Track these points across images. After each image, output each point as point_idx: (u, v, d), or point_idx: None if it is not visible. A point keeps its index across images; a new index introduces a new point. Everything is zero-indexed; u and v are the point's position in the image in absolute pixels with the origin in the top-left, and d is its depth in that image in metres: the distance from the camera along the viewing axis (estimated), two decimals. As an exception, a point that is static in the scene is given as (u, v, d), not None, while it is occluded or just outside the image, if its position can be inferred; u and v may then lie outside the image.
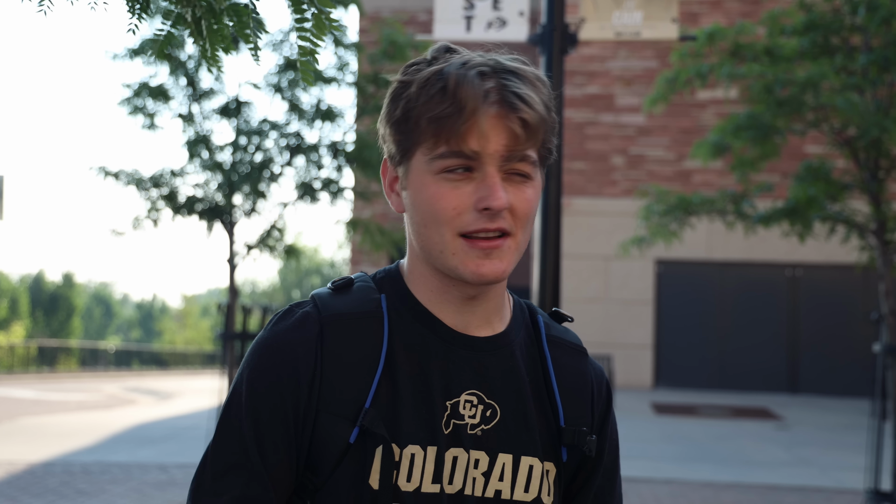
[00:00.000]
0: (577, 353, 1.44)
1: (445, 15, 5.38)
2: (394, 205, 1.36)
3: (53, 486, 8.58)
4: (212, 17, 1.50)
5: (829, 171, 8.30)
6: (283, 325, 1.32)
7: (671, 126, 19.26)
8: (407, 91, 1.29)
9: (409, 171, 1.31)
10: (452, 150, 1.26)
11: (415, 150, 1.29)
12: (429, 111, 1.26)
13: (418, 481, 1.27)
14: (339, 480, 1.26)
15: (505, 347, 1.37)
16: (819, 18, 8.24)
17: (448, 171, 1.27)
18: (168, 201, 8.21)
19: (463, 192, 1.27)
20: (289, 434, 1.27)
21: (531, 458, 1.34)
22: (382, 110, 1.34)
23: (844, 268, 17.56)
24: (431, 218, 1.28)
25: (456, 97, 1.24)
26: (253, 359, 1.31)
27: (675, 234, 9.12)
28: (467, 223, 1.27)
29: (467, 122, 1.24)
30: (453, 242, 1.28)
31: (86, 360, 40.53)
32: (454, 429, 1.30)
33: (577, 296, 18.51)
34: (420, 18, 20.46)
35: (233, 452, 1.28)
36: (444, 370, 1.31)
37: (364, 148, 8.23)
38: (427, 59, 1.32)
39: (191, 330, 68.49)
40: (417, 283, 1.35)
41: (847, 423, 14.14)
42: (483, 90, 1.25)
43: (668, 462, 10.42)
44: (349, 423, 1.26)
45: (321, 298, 1.34)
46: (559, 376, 1.39)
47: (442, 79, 1.26)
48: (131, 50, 7.95)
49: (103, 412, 16.23)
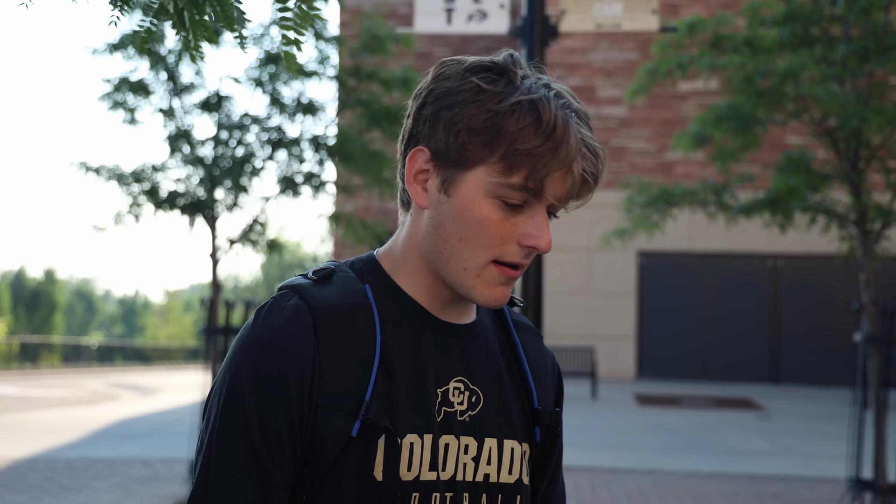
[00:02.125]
0: (536, 336, 1.48)
1: (426, 8, 5.38)
2: (416, 198, 1.31)
3: (37, 482, 8.54)
4: (194, 8, 1.50)
5: (810, 161, 8.34)
6: (275, 320, 1.28)
7: (652, 118, 19.32)
8: (491, 103, 1.24)
9: (460, 179, 1.27)
10: (528, 186, 1.24)
11: (479, 164, 1.25)
12: (520, 141, 1.22)
13: (417, 470, 1.28)
14: (341, 473, 1.26)
15: (481, 333, 1.39)
16: (799, 9, 8.28)
17: (506, 199, 1.25)
18: (150, 196, 8.17)
19: (512, 224, 1.26)
20: (293, 432, 1.25)
21: (512, 440, 1.36)
22: (437, 101, 1.27)
23: (825, 258, 17.69)
24: (472, 238, 1.27)
25: (553, 138, 1.22)
26: (248, 356, 1.26)
27: (657, 225, 9.15)
28: (507, 254, 1.27)
29: (560, 171, 1.24)
30: (485, 267, 1.28)
31: (68, 357, 40.34)
32: (445, 416, 1.31)
33: (559, 288, 18.55)
34: (401, 11, 20.42)
35: (240, 455, 1.24)
36: (434, 358, 1.32)
37: (346, 142, 8.21)
38: (499, 67, 1.28)
39: (173, 325, 68.27)
40: (407, 276, 1.35)
41: (828, 413, 14.24)
42: (579, 140, 1.24)
43: (651, 452, 10.47)
44: (350, 417, 1.26)
45: (305, 290, 1.31)
46: (528, 359, 1.43)
47: (536, 110, 1.23)
48: (111, 45, 7.90)
49: (86, 408, 16.17)
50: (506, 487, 1.34)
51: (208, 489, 1.24)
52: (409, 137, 1.32)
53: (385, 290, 1.34)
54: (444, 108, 1.26)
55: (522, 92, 1.24)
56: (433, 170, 1.29)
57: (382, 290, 1.34)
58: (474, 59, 1.30)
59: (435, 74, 1.30)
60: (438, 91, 1.28)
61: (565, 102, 1.26)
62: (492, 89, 1.24)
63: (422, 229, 1.31)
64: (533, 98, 1.23)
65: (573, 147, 1.23)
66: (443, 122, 1.26)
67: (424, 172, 1.30)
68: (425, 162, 1.29)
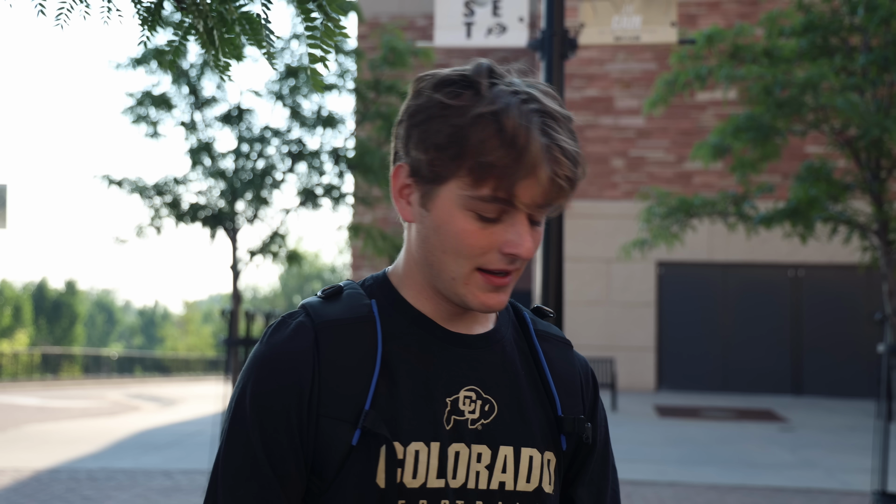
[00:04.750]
0: (564, 345, 1.48)
1: (446, 21, 5.40)
2: (401, 212, 1.35)
3: (59, 493, 8.59)
4: (223, 27, 1.52)
5: (831, 171, 8.33)
6: (279, 336, 1.33)
7: (671, 128, 19.29)
8: (455, 118, 1.25)
9: (435, 194, 1.29)
10: (497, 196, 1.25)
11: (450, 178, 1.27)
12: (483, 153, 1.23)
13: (423, 477, 1.30)
14: (345, 481, 1.29)
15: (497, 343, 1.40)
16: (818, 19, 8.27)
17: (480, 212, 1.26)
18: (171, 209, 8.24)
19: (491, 233, 1.27)
20: (294, 442, 1.29)
21: (531, 449, 1.37)
22: (410, 119, 1.30)
23: (847, 268, 17.57)
24: (454, 249, 1.29)
25: (516, 147, 1.22)
26: (253, 372, 1.32)
27: (677, 236, 9.15)
28: (490, 262, 1.29)
29: (527, 178, 1.24)
30: (470, 276, 1.30)
31: (89, 367, 40.57)
32: (455, 424, 1.33)
33: (578, 298, 18.52)
34: (418, 24, 20.50)
35: (243, 466, 1.30)
36: (441, 368, 1.34)
37: (365, 154, 8.26)
38: (467, 79, 1.28)
39: (192, 336, 68.54)
40: (412, 289, 1.37)
41: (852, 425, 14.14)
42: (544, 145, 1.23)
43: (672, 465, 10.43)
44: (350, 426, 1.29)
45: (312, 307, 1.35)
46: (551, 368, 1.44)
47: (497, 120, 1.23)
48: (134, 59, 7.97)
49: (107, 419, 16.25)
50: (523, 496, 1.36)
51: (216, 497, 1.31)
52: (395, 155, 1.35)
53: (392, 303, 1.37)
54: (413, 126, 1.29)
55: (486, 103, 1.25)
56: (413, 185, 1.32)
57: (389, 303, 1.37)
58: (446, 72, 1.31)
59: (411, 91, 1.33)
60: (411, 108, 1.30)
61: (535, 108, 1.25)
62: (455, 104, 1.26)
63: (413, 242, 1.34)
64: (495, 109, 1.24)
65: (536, 153, 1.22)
66: (413, 140, 1.29)
67: (408, 187, 1.33)
68: (406, 177, 1.32)
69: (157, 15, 1.53)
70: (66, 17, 1.52)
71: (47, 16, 1.51)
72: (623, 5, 5.37)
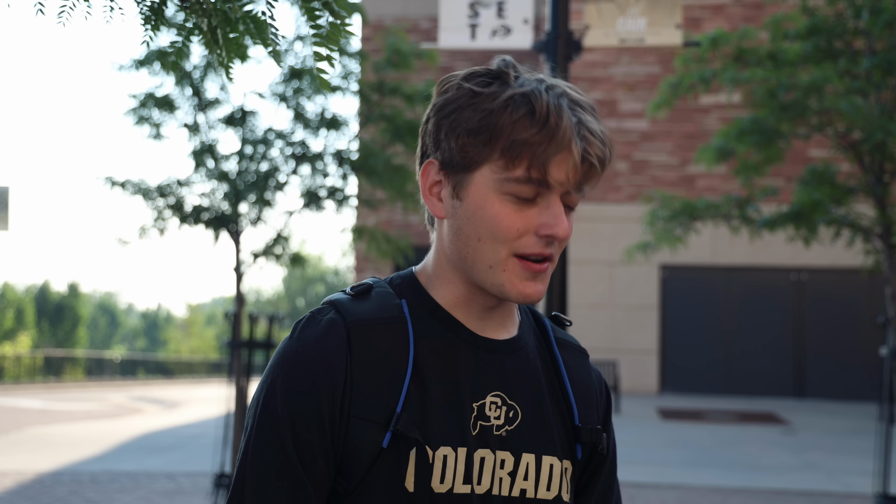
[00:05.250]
0: (581, 355, 1.49)
1: (451, 23, 5.40)
2: (432, 209, 1.35)
3: (62, 496, 8.59)
4: (227, 27, 1.52)
5: (834, 174, 8.32)
6: (311, 333, 1.32)
7: (675, 131, 19.28)
8: (486, 103, 1.27)
9: (468, 182, 1.30)
10: (531, 176, 1.26)
11: (483, 164, 1.28)
12: (516, 133, 1.25)
13: (451, 482, 1.29)
14: (373, 484, 1.28)
15: (521, 349, 1.40)
16: (822, 22, 8.27)
17: (516, 194, 1.27)
18: (174, 211, 8.23)
19: (527, 216, 1.28)
20: (325, 442, 1.28)
21: (551, 457, 1.37)
22: (438, 113, 1.32)
23: (850, 271, 17.55)
24: (490, 234, 1.29)
25: (548, 125, 1.24)
26: (283, 369, 1.30)
27: (680, 239, 9.14)
28: (526, 245, 1.29)
29: (560, 153, 1.25)
30: (507, 261, 1.29)
31: (91, 370, 40.57)
32: (481, 430, 1.32)
33: (582, 301, 18.51)
34: (422, 26, 20.51)
35: (272, 465, 1.28)
36: (469, 372, 1.34)
37: (368, 156, 8.25)
38: (493, 72, 1.31)
39: (196, 339, 68.52)
40: (441, 289, 1.37)
41: (854, 428, 14.12)
42: (575, 124, 1.25)
43: (675, 467, 10.41)
44: (381, 428, 1.28)
45: (342, 304, 1.34)
46: (570, 377, 1.44)
47: (528, 102, 1.25)
48: (137, 61, 7.98)
49: (110, 421, 16.25)
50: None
51: (243, 497, 1.29)
52: (422, 156, 1.36)
53: (421, 304, 1.36)
54: (443, 118, 1.31)
55: (514, 88, 1.27)
56: (444, 178, 1.33)
57: (419, 304, 1.36)
58: (471, 69, 1.34)
59: (437, 91, 1.35)
60: (439, 104, 1.32)
61: (560, 92, 1.28)
62: (485, 91, 1.28)
63: (446, 239, 1.34)
64: (525, 91, 1.27)
65: (568, 129, 1.24)
66: (444, 131, 1.31)
67: (437, 184, 1.34)
68: (436, 173, 1.33)
69: (161, 14, 1.52)
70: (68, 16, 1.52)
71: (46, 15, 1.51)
72: (628, 8, 5.37)
